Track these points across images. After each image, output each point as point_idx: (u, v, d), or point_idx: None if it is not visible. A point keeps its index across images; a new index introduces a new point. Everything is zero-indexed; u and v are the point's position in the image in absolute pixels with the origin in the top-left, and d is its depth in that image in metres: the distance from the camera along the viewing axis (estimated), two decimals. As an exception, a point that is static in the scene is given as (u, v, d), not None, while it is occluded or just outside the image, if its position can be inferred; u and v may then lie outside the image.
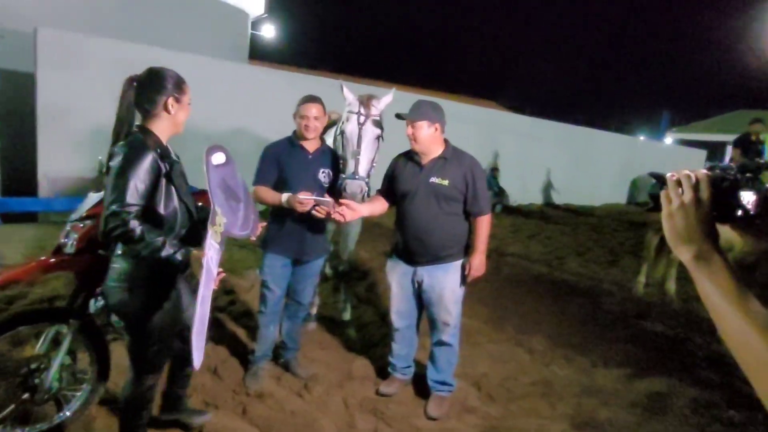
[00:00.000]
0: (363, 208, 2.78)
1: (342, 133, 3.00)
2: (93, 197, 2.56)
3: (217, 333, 3.54)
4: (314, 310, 3.97)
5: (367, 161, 2.92)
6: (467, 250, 2.84)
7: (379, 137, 3.00)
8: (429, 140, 2.73)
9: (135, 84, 1.97)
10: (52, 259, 2.38)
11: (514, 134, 12.31)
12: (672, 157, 17.01)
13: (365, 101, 2.96)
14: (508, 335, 4.22)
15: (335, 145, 3.40)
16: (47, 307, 2.40)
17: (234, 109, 7.59)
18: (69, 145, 6.43)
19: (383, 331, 3.96)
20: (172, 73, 2.00)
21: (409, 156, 2.88)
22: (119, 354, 3.01)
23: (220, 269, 1.86)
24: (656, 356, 4.02)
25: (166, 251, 1.82)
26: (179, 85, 2.01)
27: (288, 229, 2.90)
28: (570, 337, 4.29)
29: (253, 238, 2.25)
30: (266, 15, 12.83)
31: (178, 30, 9.21)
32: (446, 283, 2.80)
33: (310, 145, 2.93)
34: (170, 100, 1.97)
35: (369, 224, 8.55)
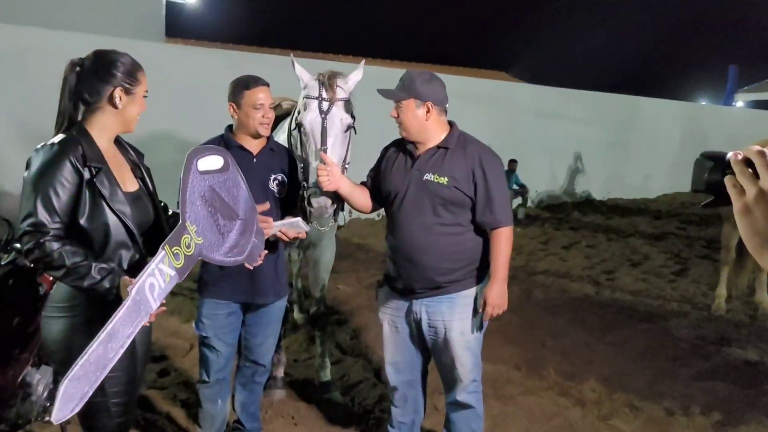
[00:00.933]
0: (343, 182, 2.76)
1: (299, 126, 2.95)
2: None
3: (143, 419, 3.43)
4: (280, 372, 3.89)
5: (338, 163, 2.88)
6: (481, 273, 2.76)
7: (349, 128, 2.97)
8: (419, 125, 2.68)
9: (77, 69, 2.08)
10: None
11: (535, 112, 12.42)
12: (745, 125, 17.29)
13: (327, 81, 2.92)
14: (548, 382, 4.17)
15: (290, 144, 3.34)
16: None
17: (148, 101, 7.50)
18: None
19: (379, 391, 3.88)
20: (125, 59, 2.11)
21: (403, 144, 2.82)
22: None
23: (162, 303, 1.91)
24: (753, 395, 3.98)
25: (90, 279, 1.92)
26: (132, 73, 2.11)
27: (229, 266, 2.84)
28: (633, 378, 4.25)
29: (249, 266, 2.40)
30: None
31: (72, 5, 9.16)
32: (452, 321, 2.72)
33: (253, 145, 2.89)
34: (117, 92, 2.08)
35: (350, 246, 8.55)
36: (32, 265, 2.52)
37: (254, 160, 2.86)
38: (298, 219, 2.73)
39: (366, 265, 7.38)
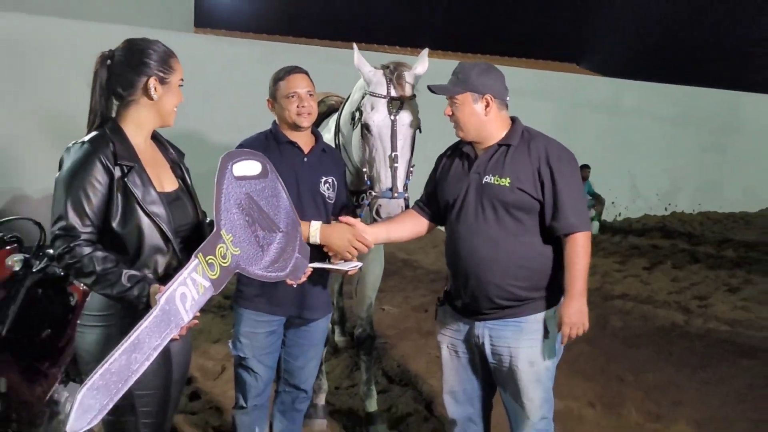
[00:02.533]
0: (377, 231, 2.79)
1: (365, 127, 3.04)
2: None
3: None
4: (321, 400, 3.98)
5: (406, 167, 2.96)
6: (555, 294, 2.71)
7: (417, 129, 3.05)
8: (478, 122, 2.69)
9: (108, 62, 2.17)
10: None
11: (611, 109, 12.32)
12: None
13: (395, 77, 2.99)
14: (629, 423, 4.14)
15: (337, 143, 3.44)
16: None
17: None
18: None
19: (431, 426, 3.93)
20: (158, 46, 2.19)
21: (460, 148, 2.85)
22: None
23: (195, 316, 1.98)
24: None
25: (119, 287, 1.99)
26: (165, 60, 2.19)
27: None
28: (732, 424, 4.17)
29: (292, 283, 2.46)
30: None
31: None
32: (519, 349, 2.67)
33: (304, 141, 2.97)
34: (152, 82, 2.15)
35: (396, 263, 8.60)
36: (64, 272, 2.69)
37: (305, 159, 2.93)
38: (344, 263, 2.77)
39: (414, 283, 7.45)
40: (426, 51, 3.17)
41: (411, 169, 3.05)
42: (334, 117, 3.65)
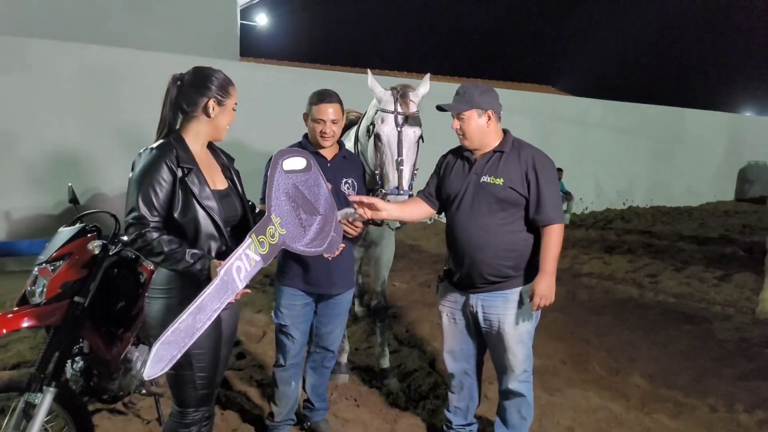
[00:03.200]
0: (392, 208, 2.76)
1: (376, 137, 3.06)
2: (64, 233, 2.63)
3: (223, 396, 3.56)
4: (344, 359, 3.97)
5: (410, 170, 2.98)
6: (533, 272, 2.73)
7: (419, 138, 3.06)
8: (481, 133, 2.73)
9: (178, 83, 2.23)
10: (17, 312, 2.43)
11: (579, 123, 12.24)
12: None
13: (401, 96, 3.01)
14: (594, 376, 4.13)
15: (356, 150, 3.42)
16: (15, 373, 2.44)
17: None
18: (25, 174, 6.67)
19: (433, 379, 3.93)
20: (219, 74, 2.25)
21: (460, 152, 2.88)
22: (104, 428, 3.08)
23: (247, 285, 2.02)
24: (798, 395, 3.83)
25: (184, 263, 2.05)
26: (224, 87, 2.25)
27: (312, 256, 2.90)
28: (677, 376, 4.16)
29: (328, 255, 2.49)
30: (258, 0, 13.21)
31: (153, 26, 9.58)
32: (506, 316, 2.74)
33: (328, 152, 2.98)
34: (211, 103, 2.22)
35: (404, 248, 8.62)
36: (136, 254, 2.69)
37: (328, 164, 2.94)
38: (348, 209, 2.74)
39: (419, 264, 7.43)
40: (428, 75, 3.21)
41: (415, 171, 3.06)
42: (354, 129, 3.64)
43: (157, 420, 3.14)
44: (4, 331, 2.37)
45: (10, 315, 2.41)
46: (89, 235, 2.62)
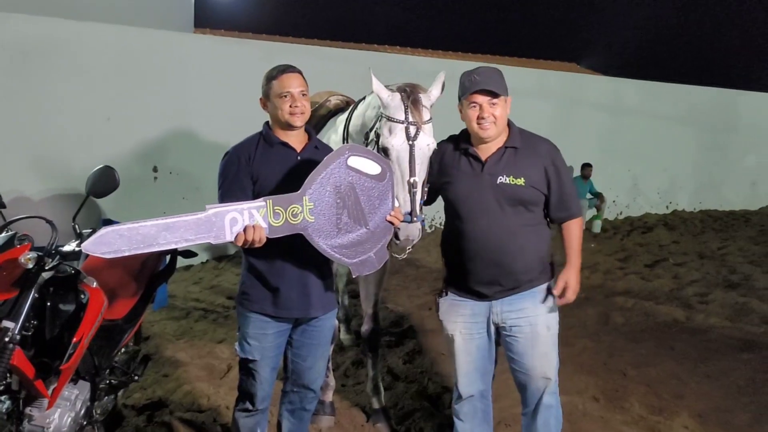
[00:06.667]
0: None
1: (383, 150, 3.02)
2: None
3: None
4: (329, 397, 4.00)
5: (420, 185, 2.97)
6: (551, 267, 3.09)
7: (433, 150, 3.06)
8: (504, 124, 2.94)
9: None
10: None
11: (610, 108, 12.33)
12: None
13: (412, 104, 3.00)
14: (632, 416, 4.18)
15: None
16: None
17: (177, 98, 7.93)
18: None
19: (437, 421, 3.97)
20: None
21: (459, 145, 3.00)
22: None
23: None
24: None
25: None
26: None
27: (281, 272, 2.91)
28: (733, 416, 4.21)
29: (355, 273, 2.73)
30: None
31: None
32: (538, 317, 2.98)
33: (296, 141, 2.98)
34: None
35: (398, 263, 8.51)
36: (76, 270, 2.78)
37: (298, 157, 2.94)
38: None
39: (417, 282, 7.49)
40: (443, 74, 3.14)
41: (425, 188, 3.04)
42: (342, 117, 3.66)
43: (98, 476, 3.16)
44: None
45: None
46: (20, 245, 2.64)
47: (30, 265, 2.55)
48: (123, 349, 3.42)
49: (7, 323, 2.49)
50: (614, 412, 4.22)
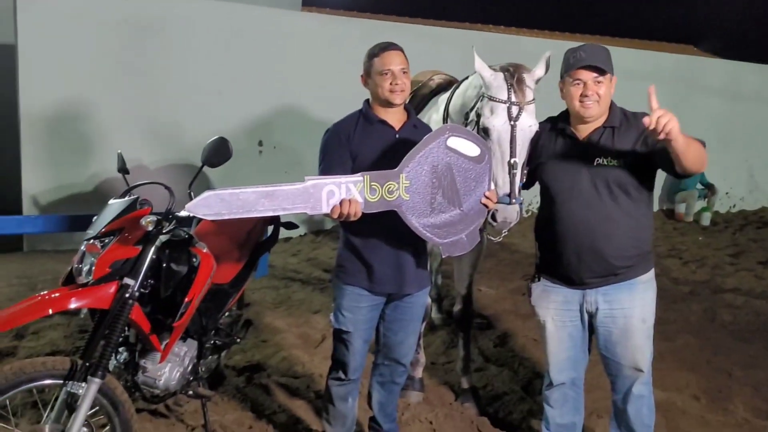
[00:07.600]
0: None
1: (484, 131, 3.03)
2: (114, 206, 2.90)
3: (266, 408, 3.78)
4: (419, 373, 4.09)
5: (521, 168, 2.98)
6: (651, 255, 3.00)
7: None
8: (608, 103, 2.89)
9: None
10: (63, 292, 2.69)
11: (728, 94, 11.79)
12: None
13: (516, 83, 3.00)
14: (736, 419, 4.06)
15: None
16: (56, 360, 2.72)
17: (283, 74, 8.21)
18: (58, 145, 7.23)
19: (527, 406, 4.01)
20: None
21: (557, 128, 2.98)
22: (144, 431, 3.36)
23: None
24: None
25: None
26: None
27: (377, 248, 2.99)
28: None
29: (445, 253, 2.83)
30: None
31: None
32: (633, 309, 2.93)
33: (395, 119, 3.03)
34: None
35: (492, 246, 8.48)
36: (189, 234, 3.06)
37: (396, 135, 3.00)
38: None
39: (511, 266, 7.48)
40: (548, 54, 3.12)
41: (524, 171, 3.04)
42: (444, 96, 3.71)
43: (203, 426, 3.39)
44: (50, 311, 2.65)
45: (57, 294, 2.67)
46: (142, 208, 2.86)
47: (150, 228, 2.76)
48: (227, 313, 3.60)
49: (128, 280, 2.71)
50: (716, 413, 4.11)
